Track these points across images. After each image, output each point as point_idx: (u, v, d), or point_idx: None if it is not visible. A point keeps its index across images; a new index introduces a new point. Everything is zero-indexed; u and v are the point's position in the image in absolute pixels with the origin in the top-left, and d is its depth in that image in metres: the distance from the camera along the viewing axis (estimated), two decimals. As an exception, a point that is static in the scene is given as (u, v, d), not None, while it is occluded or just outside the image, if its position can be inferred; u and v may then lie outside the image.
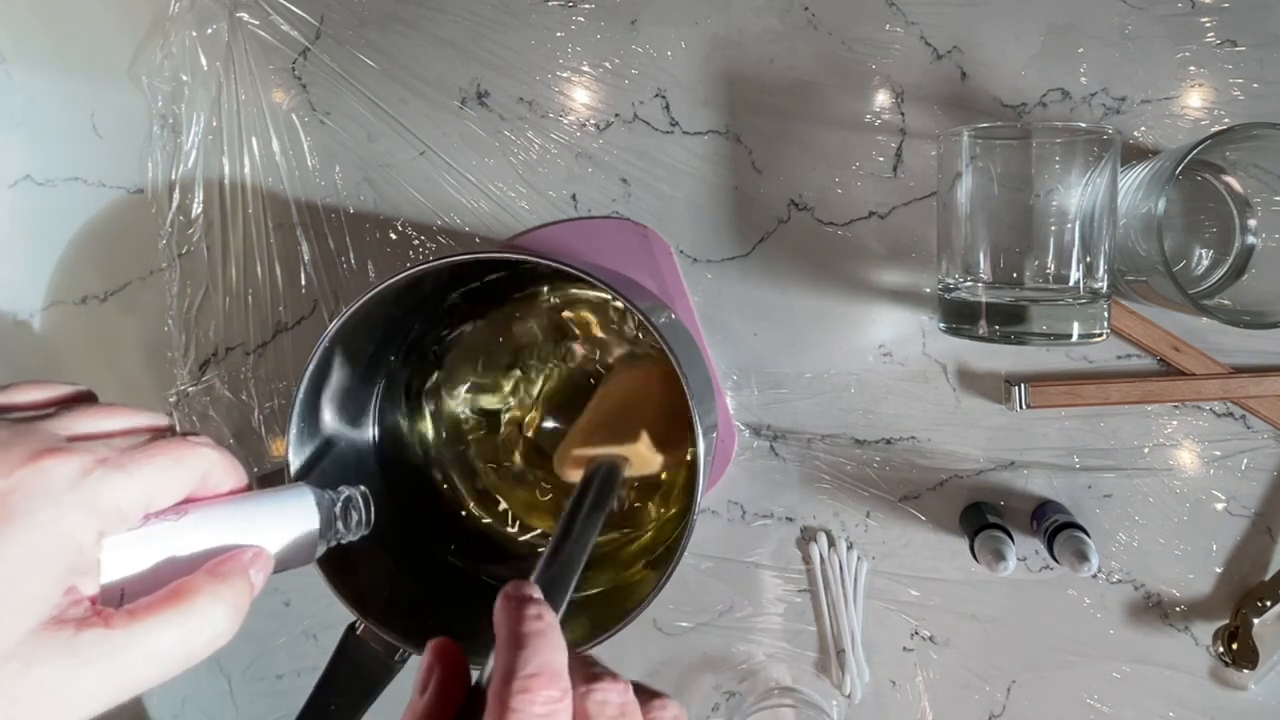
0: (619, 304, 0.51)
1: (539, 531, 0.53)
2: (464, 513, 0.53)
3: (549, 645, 0.23)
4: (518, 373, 0.53)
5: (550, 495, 0.53)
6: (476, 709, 0.23)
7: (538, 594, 0.25)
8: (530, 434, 0.53)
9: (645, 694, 0.25)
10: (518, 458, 0.54)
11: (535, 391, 0.53)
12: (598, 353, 0.52)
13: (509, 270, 0.51)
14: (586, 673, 0.24)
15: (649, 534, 0.52)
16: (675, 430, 0.43)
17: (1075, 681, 0.53)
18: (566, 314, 0.53)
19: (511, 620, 0.24)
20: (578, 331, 0.53)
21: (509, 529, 0.54)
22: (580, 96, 0.54)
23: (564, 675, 0.23)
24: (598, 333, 0.52)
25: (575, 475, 0.40)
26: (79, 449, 0.23)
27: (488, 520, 0.54)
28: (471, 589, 0.49)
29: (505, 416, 0.54)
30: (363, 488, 0.32)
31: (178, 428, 0.59)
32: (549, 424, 0.53)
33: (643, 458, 0.41)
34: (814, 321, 0.53)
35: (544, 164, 0.54)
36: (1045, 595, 0.53)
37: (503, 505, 0.54)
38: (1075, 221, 0.42)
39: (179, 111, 0.57)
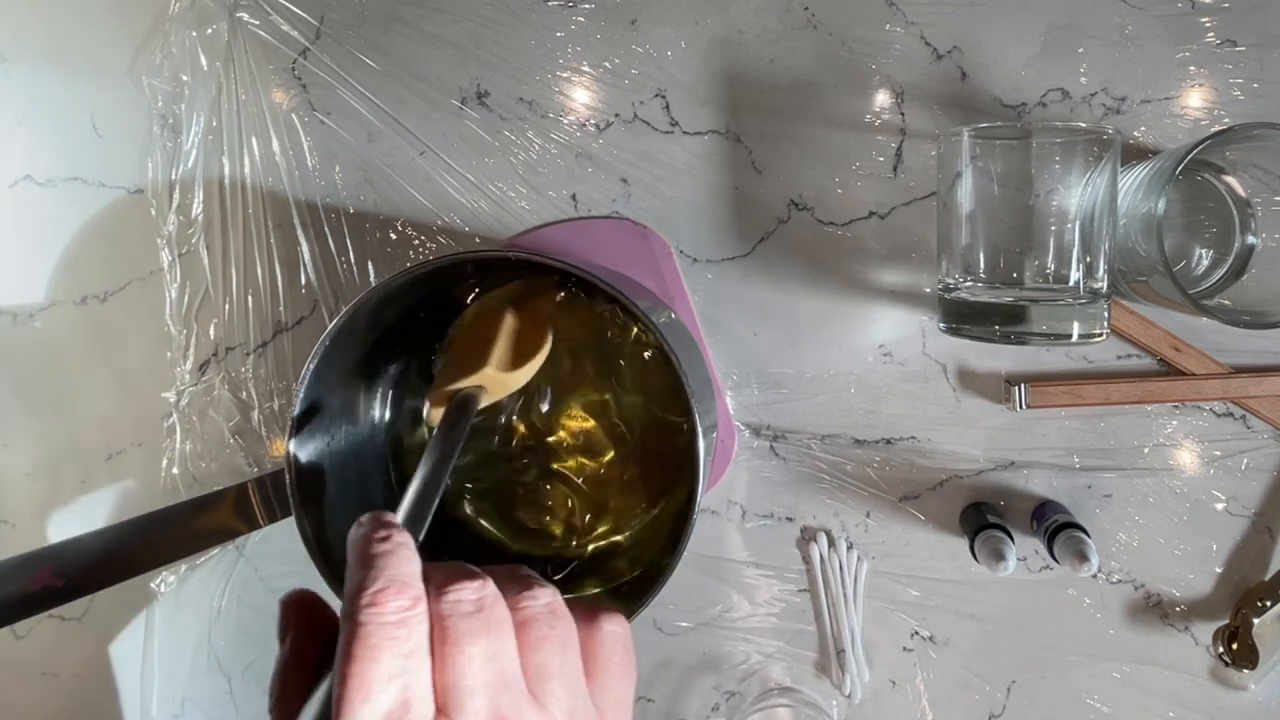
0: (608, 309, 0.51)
1: (535, 534, 0.53)
2: (464, 513, 0.53)
3: (397, 560, 0.23)
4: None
5: (548, 497, 0.53)
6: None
7: (390, 518, 0.25)
8: (530, 434, 0.53)
9: (516, 585, 0.24)
10: (516, 458, 0.54)
11: (534, 391, 0.53)
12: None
13: (508, 270, 0.50)
14: (444, 577, 0.23)
15: (648, 534, 0.52)
16: (522, 345, 0.45)
17: (1075, 681, 0.53)
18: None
19: (362, 544, 0.24)
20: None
21: (506, 529, 0.53)
22: (580, 96, 0.54)
23: (415, 585, 0.22)
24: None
25: (439, 415, 0.42)
26: None
27: (484, 521, 0.54)
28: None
29: (504, 417, 0.54)
30: None
31: (179, 428, 0.59)
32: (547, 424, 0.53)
33: (495, 380, 0.43)
34: (814, 321, 0.53)
35: (544, 164, 0.54)
36: (1045, 595, 0.53)
37: (501, 505, 0.54)
38: (1075, 221, 0.42)
39: (179, 111, 0.57)
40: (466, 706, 0.21)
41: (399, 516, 0.26)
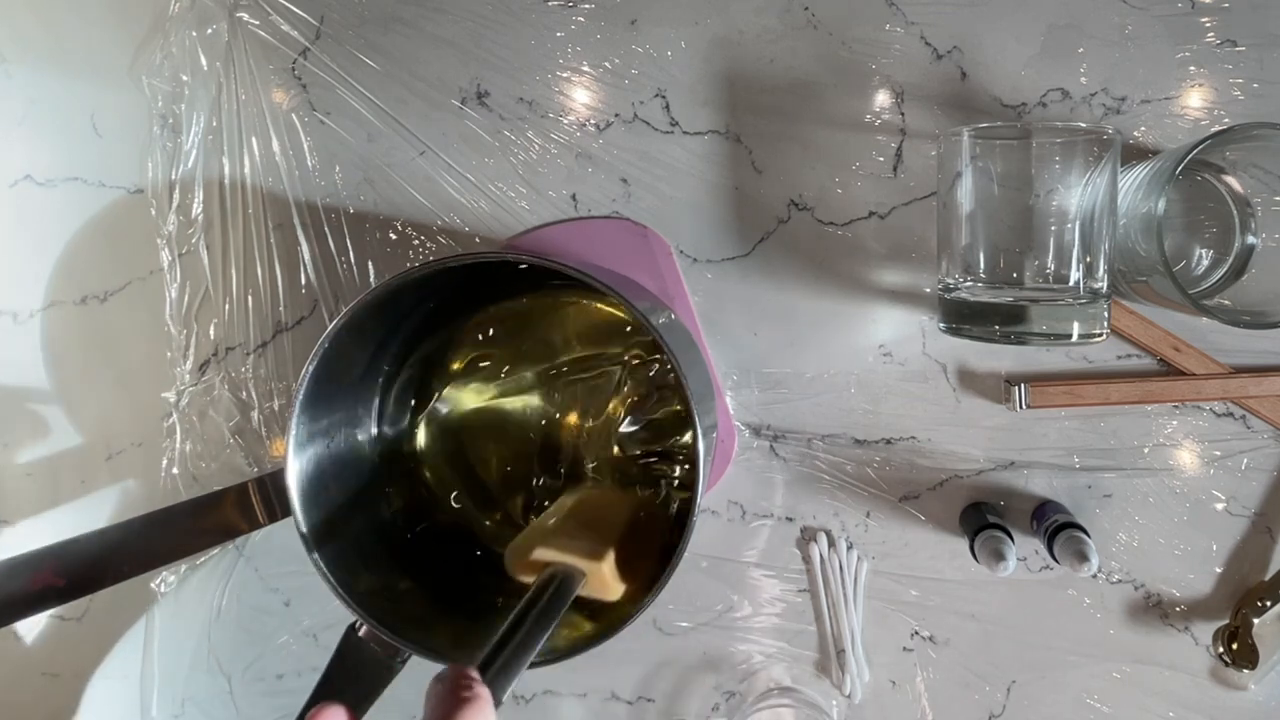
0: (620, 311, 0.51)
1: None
2: (462, 511, 0.53)
3: (477, 713, 0.23)
4: (517, 373, 0.53)
5: (547, 498, 0.53)
6: None
7: (472, 673, 0.25)
8: (529, 435, 0.53)
9: None
10: (515, 460, 0.54)
11: (534, 393, 0.53)
12: (595, 358, 0.52)
13: (508, 271, 0.50)
14: None
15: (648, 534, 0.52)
16: (640, 564, 0.42)
17: (1075, 681, 0.53)
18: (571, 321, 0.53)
19: (443, 703, 0.24)
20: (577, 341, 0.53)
21: (506, 530, 0.53)
22: (580, 96, 0.54)
23: None
24: (598, 340, 0.52)
25: (527, 576, 0.39)
26: None
27: (485, 521, 0.54)
28: (472, 588, 0.49)
29: (503, 417, 0.54)
30: None
31: (179, 428, 0.59)
32: (545, 425, 0.53)
33: (602, 580, 0.39)
34: (814, 321, 0.53)
35: (544, 164, 0.54)
36: (1045, 595, 0.53)
37: (501, 506, 0.54)
38: (1075, 221, 0.42)
39: (179, 111, 0.57)
40: None
41: (474, 671, 0.26)
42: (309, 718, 0.25)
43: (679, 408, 0.51)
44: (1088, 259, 0.43)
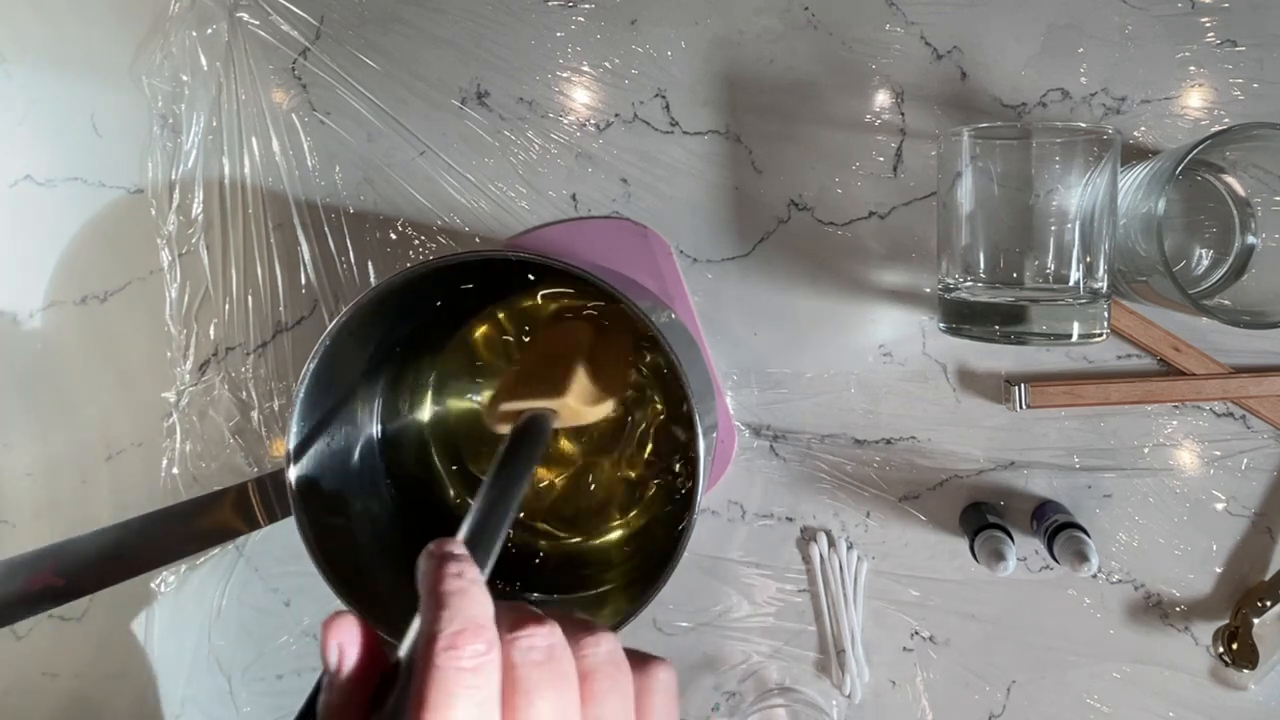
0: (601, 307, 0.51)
1: (534, 528, 0.53)
2: (462, 509, 0.53)
3: (470, 601, 0.22)
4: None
5: (547, 495, 0.53)
6: (394, 679, 0.22)
7: (459, 549, 0.24)
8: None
9: (576, 629, 0.24)
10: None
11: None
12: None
13: (508, 270, 0.50)
14: (513, 619, 0.23)
15: (648, 534, 0.52)
16: (604, 383, 0.43)
17: (1075, 681, 0.53)
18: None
19: (433, 579, 0.23)
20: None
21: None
22: (580, 96, 0.54)
23: (489, 628, 0.22)
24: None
25: (504, 429, 0.40)
26: None
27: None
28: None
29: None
30: None
31: (179, 428, 0.59)
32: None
33: (571, 410, 0.40)
34: (814, 321, 0.53)
35: (544, 164, 0.54)
36: (1045, 595, 0.53)
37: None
38: (1075, 221, 0.42)
39: (179, 111, 0.57)
40: None
41: (462, 539, 0.25)
42: (324, 623, 0.24)
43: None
44: (1088, 259, 0.43)
